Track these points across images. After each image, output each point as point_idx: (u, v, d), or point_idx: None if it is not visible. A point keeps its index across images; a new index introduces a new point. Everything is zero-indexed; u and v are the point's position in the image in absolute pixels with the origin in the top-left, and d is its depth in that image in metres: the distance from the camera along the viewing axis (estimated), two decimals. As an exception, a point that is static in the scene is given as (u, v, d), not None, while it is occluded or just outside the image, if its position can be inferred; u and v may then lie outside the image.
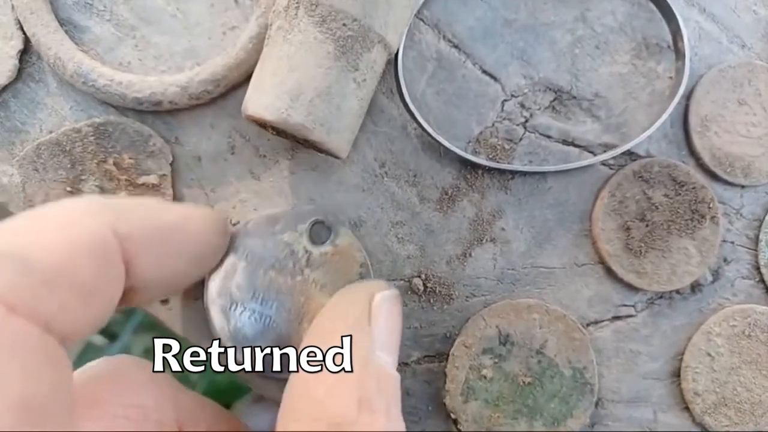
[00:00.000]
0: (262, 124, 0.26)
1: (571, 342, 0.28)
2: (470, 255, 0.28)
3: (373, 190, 0.28)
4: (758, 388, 0.29)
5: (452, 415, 0.28)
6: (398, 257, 0.28)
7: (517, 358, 0.28)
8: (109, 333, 0.87)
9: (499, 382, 0.28)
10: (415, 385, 0.28)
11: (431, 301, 0.28)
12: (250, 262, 0.27)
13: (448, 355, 0.28)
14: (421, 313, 0.28)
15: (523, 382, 0.28)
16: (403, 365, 0.28)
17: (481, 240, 0.29)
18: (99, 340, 0.85)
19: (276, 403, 0.22)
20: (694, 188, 0.29)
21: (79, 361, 0.82)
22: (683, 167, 0.29)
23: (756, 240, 0.29)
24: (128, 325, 0.87)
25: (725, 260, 0.29)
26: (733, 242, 0.29)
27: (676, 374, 0.29)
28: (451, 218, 0.28)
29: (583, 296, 0.29)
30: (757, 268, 0.29)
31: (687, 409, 0.29)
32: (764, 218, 0.29)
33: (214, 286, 0.27)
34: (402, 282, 0.28)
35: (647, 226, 0.29)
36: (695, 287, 0.29)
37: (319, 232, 0.27)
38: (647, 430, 0.29)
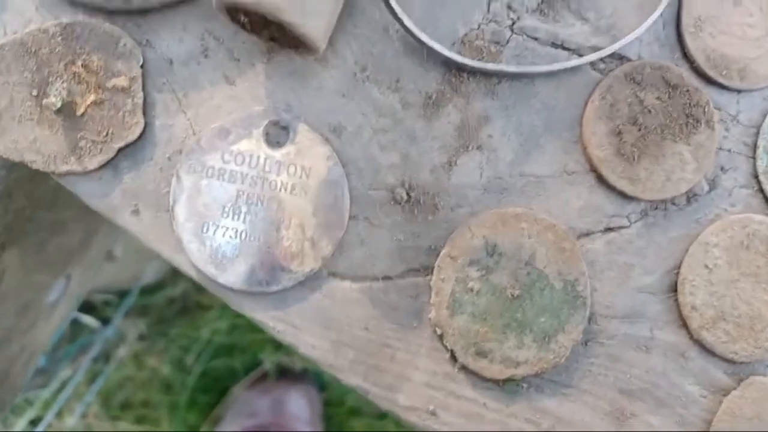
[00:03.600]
0: (235, 17, 0.24)
1: (561, 253, 0.27)
2: (455, 163, 0.27)
3: (354, 96, 0.27)
4: (758, 301, 0.28)
5: (438, 330, 0.26)
6: (380, 166, 0.27)
7: (505, 269, 0.27)
8: (102, 317, 0.86)
9: (486, 295, 0.27)
10: (399, 300, 0.27)
11: (415, 211, 0.27)
12: (212, 179, 0.26)
13: (433, 268, 0.27)
14: (404, 224, 0.27)
15: (512, 295, 0.27)
16: (386, 279, 0.27)
17: (467, 147, 0.27)
18: (92, 322, 0.84)
19: (271, 386, 0.20)
20: (688, 91, 0.28)
21: (72, 342, 0.81)
22: (676, 69, 0.28)
23: (754, 147, 0.28)
24: (120, 309, 0.86)
25: (722, 169, 0.28)
26: (729, 150, 0.28)
27: (673, 288, 0.28)
28: (436, 125, 0.27)
29: (574, 206, 0.27)
30: (756, 177, 0.28)
31: (684, 325, 0.27)
32: (762, 124, 0.28)
33: (180, 210, 0.26)
34: (384, 192, 0.27)
35: (640, 130, 0.27)
36: (691, 197, 0.28)
37: (277, 133, 0.26)
38: (643, 347, 0.27)
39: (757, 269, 0.28)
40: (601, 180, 0.27)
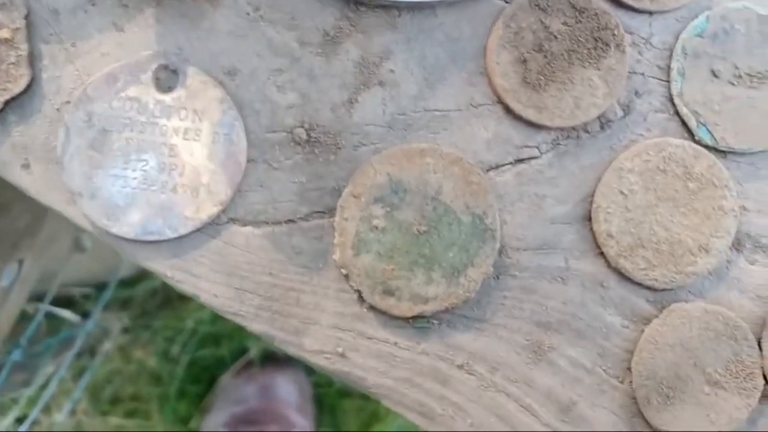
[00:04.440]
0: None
1: (468, 186, 0.26)
2: (357, 101, 0.26)
3: (248, 36, 0.26)
4: (677, 226, 0.27)
5: (343, 271, 0.26)
6: (278, 107, 0.26)
7: (411, 206, 0.26)
8: (82, 311, 0.86)
9: (392, 233, 0.26)
10: (304, 243, 0.26)
11: (316, 152, 0.26)
12: (101, 127, 0.25)
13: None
14: (305, 165, 0.26)
15: (418, 231, 0.26)
16: (289, 222, 0.26)
17: (368, 84, 0.26)
18: (71, 317, 0.84)
19: (258, 372, 0.20)
20: (596, 14, 0.27)
21: (52, 337, 0.81)
22: (582, -8, 0.27)
23: (668, 70, 0.27)
24: (99, 302, 0.85)
25: (636, 93, 0.27)
26: (643, 74, 0.27)
27: (587, 217, 0.27)
28: (335, 62, 0.26)
29: (482, 139, 0.27)
30: (671, 100, 0.27)
31: (601, 254, 0.27)
32: (675, 46, 0.27)
33: (69, 161, 0.25)
34: (283, 133, 0.26)
35: (546, 57, 0.26)
36: (604, 123, 0.27)
37: (167, 77, 0.25)
38: (558, 278, 0.27)
39: (675, 193, 0.27)
40: (508, 111, 0.26)
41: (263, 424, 0.72)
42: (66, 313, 0.81)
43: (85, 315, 0.85)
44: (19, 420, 0.79)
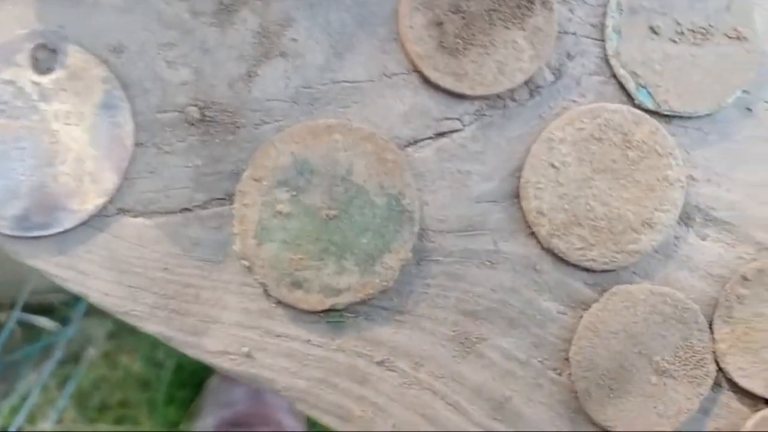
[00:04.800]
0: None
1: (382, 164, 0.24)
2: (256, 74, 0.24)
3: (135, 10, 0.24)
4: (616, 200, 0.24)
5: (245, 263, 0.23)
6: (169, 84, 0.24)
7: (319, 188, 0.23)
8: (61, 317, 0.84)
9: (299, 218, 0.23)
10: (201, 233, 0.24)
11: (212, 132, 0.24)
12: None
13: (241, 196, 0.24)
14: (201, 148, 0.24)
15: (328, 216, 0.23)
16: (185, 211, 0.24)
17: (269, 55, 0.24)
18: (48, 324, 0.82)
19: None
20: (517, -31, 0.24)
21: (31, 345, 0.79)
22: (502, -55, 0.24)
23: (602, 28, 0.25)
24: (78, 309, 0.84)
25: (568, 55, 0.25)
26: (575, 33, 0.25)
27: (516, 194, 0.24)
28: (230, 32, 0.24)
29: (398, 112, 0.24)
30: (607, 61, 0.25)
31: (533, 234, 0.24)
32: (609, 1, 0.25)
33: None
34: (175, 113, 0.24)
35: (463, 18, 0.24)
36: (533, 90, 0.25)
37: (46, 57, 0.23)
38: (487, 262, 0.24)
39: (613, 164, 0.24)
40: (425, 80, 0.24)
41: (253, 426, 0.70)
42: (42, 321, 0.80)
43: (65, 322, 0.83)
44: (2, 430, 0.77)
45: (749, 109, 0.25)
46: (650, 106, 0.24)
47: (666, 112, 0.25)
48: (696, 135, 0.25)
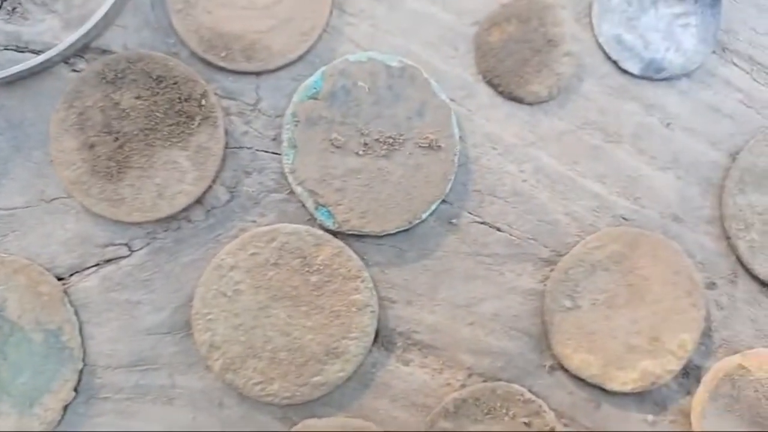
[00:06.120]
0: None
1: (38, 298, 0.22)
2: None
3: None
4: (297, 329, 0.22)
5: None
6: None
7: (-30, 327, 0.22)
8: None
9: (-51, 360, 0.22)
10: None
11: None
12: None
13: None
14: None
15: (-21, 357, 0.22)
16: None
17: None
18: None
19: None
20: (176, 84, 0.22)
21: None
22: (160, 58, 0.22)
23: (280, 142, 0.23)
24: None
25: (246, 172, 0.23)
26: (251, 147, 0.23)
27: (189, 325, 0.23)
28: None
29: (59, 239, 0.22)
30: (285, 177, 0.23)
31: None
32: (286, 111, 0.22)
33: None
34: None
35: (116, 139, 0.22)
36: (209, 211, 0.23)
37: None
38: (164, 397, 0.22)
39: (293, 290, 0.22)
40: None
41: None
42: None
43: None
44: None
45: (452, 222, 0.23)
46: (331, 226, 0.22)
47: (350, 232, 0.22)
48: (392, 253, 0.23)
